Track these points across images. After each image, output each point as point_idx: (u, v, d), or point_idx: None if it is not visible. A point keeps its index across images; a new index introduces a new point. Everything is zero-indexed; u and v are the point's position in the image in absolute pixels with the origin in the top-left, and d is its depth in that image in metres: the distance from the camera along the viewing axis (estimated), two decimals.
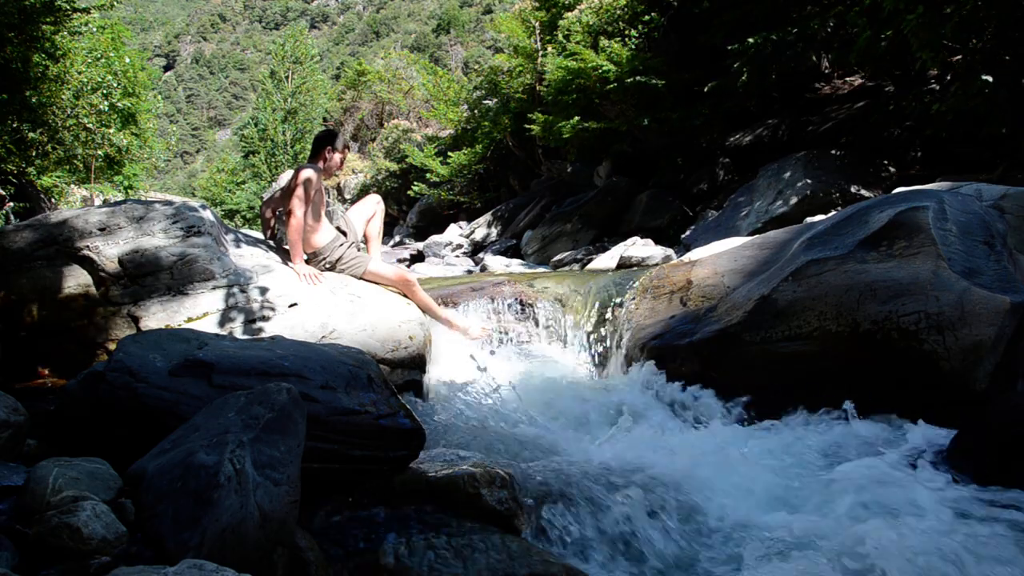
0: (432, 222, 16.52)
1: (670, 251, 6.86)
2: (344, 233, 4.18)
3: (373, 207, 4.51)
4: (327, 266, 3.99)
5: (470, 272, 9.27)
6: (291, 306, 3.42)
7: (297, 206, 3.80)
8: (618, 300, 4.31)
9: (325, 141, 4.18)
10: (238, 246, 3.78)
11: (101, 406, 1.97)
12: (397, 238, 17.00)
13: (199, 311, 3.22)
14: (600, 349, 4.22)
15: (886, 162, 7.09)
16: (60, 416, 2.15)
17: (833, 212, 5.57)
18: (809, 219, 5.91)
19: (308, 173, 3.86)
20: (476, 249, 12.00)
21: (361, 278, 4.00)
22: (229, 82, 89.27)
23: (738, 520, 2.18)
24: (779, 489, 2.39)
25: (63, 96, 10.98)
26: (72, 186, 13.84)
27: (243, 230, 4.40)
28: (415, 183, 16.88)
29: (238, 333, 3.20)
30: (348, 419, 2.05)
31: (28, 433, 1.96)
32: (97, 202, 13.62)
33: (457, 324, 4.22)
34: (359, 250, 4.21)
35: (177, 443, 1.63)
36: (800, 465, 2.59)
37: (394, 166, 19.26)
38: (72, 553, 1.33)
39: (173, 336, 2.34)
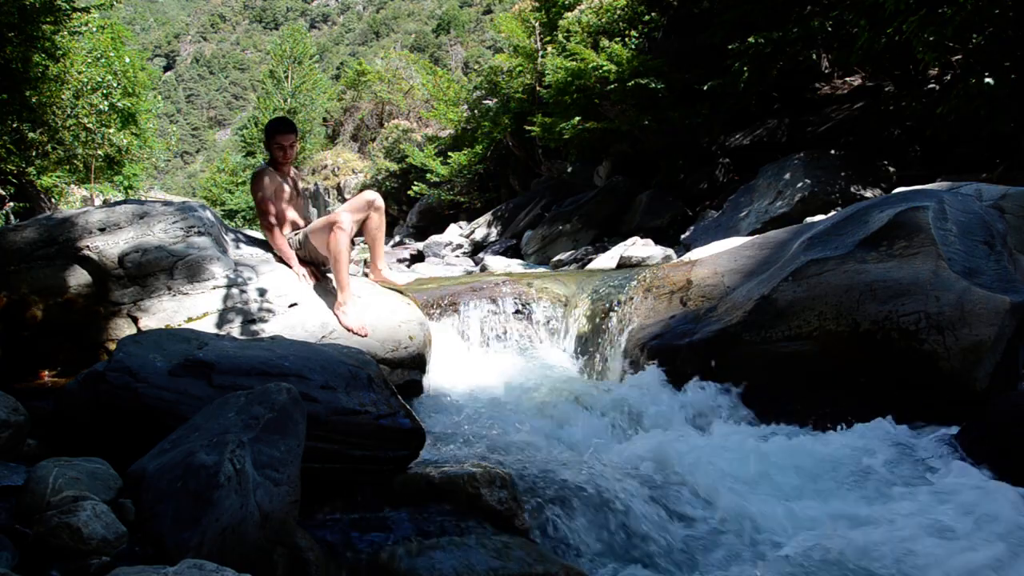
0: (432, 222, 16.53)
1: (670, 251, 6.86)
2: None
3: (365, 208, 3.75)
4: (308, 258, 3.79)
5: (470, 272, 9.27)
6: (291, 306, 3.42)
7: (262, 213, 3.74)
8: (618, 300, 4.31)
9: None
10: (238, 246, 3.78)
11: (101, 406, 1.97)
12: (397, 238, 17.00)
13: (199, 311, 3.22)
14: (600, 349, 4.22)
15: (886, 162, 7.09)
16: (60, 416, 2.15)
17: (833, 212, 5.57)
18: (809, 219, 5.91)
19: (257, 172, 3.81)
20: (476, 249, 12.00)
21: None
22: (229, 82, 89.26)
23: (740, 519, 2.18)
24: (780, 488, 2.39)
25: (63, 96, 10.98)
26: (72, 186, 13.85)
27: (243, 230, 4.38)
28: (415, 183, 16.89)
29: (238, 333, 3.20)
30: (348, 419, 2.05)
31: (28, 433, 1.95)
32: (97, 202, 13.63)
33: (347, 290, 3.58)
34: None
35: (177, 443, 1.63)
36: (801, 464, 2.58)
37: (394, 166, 19.29)
38: (72, 553, 1.33)
39: (173, 336, 2.34)
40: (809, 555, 1.88)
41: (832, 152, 7.36)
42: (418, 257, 11.85)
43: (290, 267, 3.70)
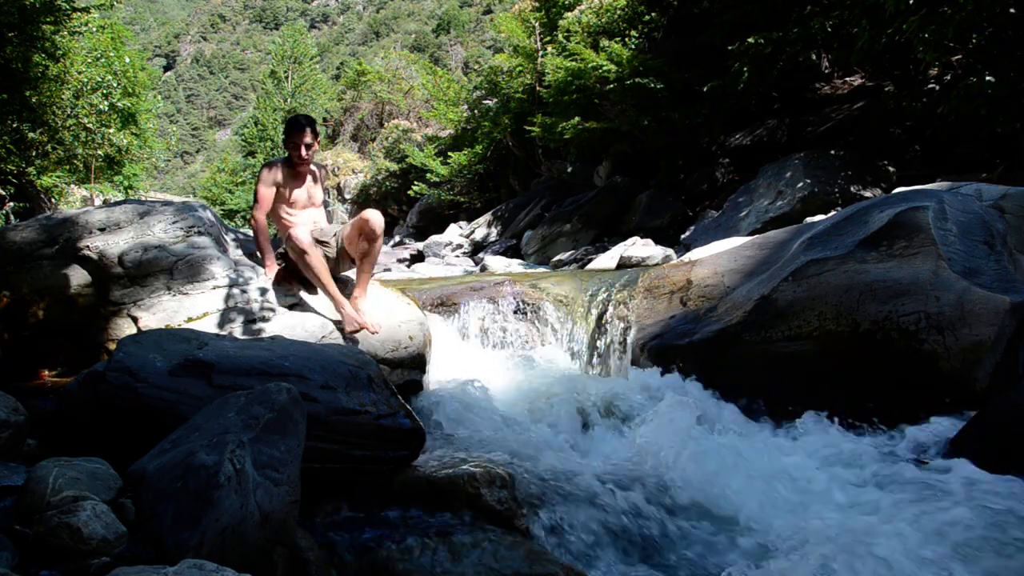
0: (432, 222, 16.54)
1: (670, 251, 6.86)
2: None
3: (355, 227, 3.46)
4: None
5: (470, 272, 9.27)
6: (291, 306, 3.42)
7: (256, 206, 3.58)
8: (618, 300, 4.31)
9: None
10: (238, 246, 3.78)
11: (101, 406, 1.97)
12: (397, 238, 17.00)
13: (199, 311, 3.22)
14: (600, 349, 4.22)
15: (886, 162, 7.09)
16: (60, 416, 2.15)
17: (833, 212, 5.57)
18: (809, 219, 5.91)
19: (263, 165, 3.66)
20: (476, 249, 12.00)
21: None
22: (229, 82, 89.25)
23: (739, 519, 2.18)
24: (780, 488, 2.39)
25: (63, 96, 10.98)
26: (72, 186, 13.86)
27: (243, 230, 4.36)
28: (415, 183, 16.90)
29: (238, 333, 3.20)
30: (348, 419, 2.05)
31: (28, 433, 1.95)
32: (97, 202, 13.64)
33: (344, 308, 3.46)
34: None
35: (177, 443, 1.63)
36: (800, 464, 2.58)
37: (394, 166, 19.29)
38: (72, 553, 1.33)
39: (173, 336, 2.34)
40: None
41: (832, 152, 7.35)
42: (418, 257, 11.85)
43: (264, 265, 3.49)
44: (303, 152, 3.50)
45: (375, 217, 3.40)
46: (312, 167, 3.72)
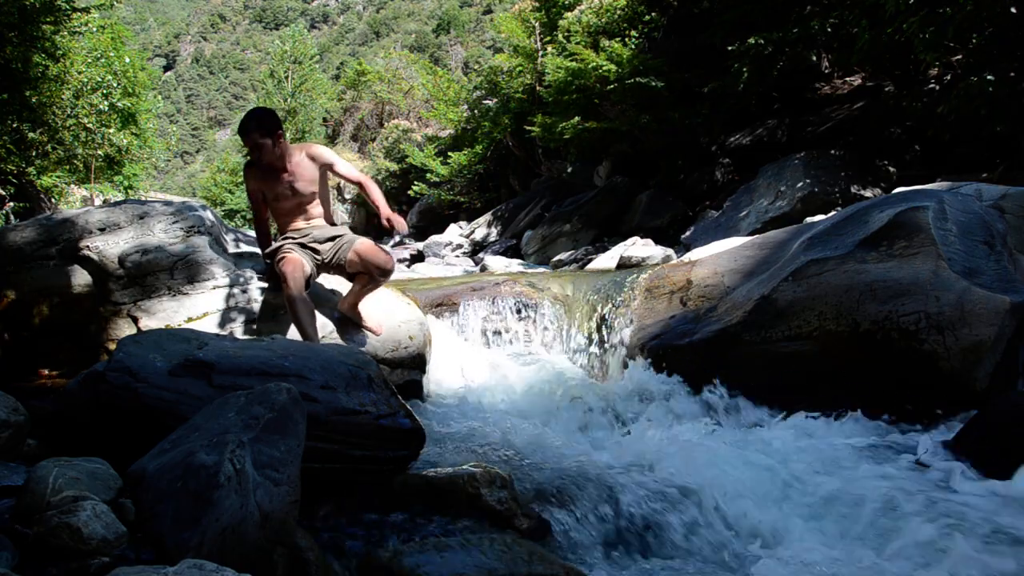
0: (432, 222, 16.55)
1: (670, 251, 6.86)
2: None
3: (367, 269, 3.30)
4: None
5: (470, 272, 9.27)
6: None
7: (254, 208, 3.50)
8: (618, 300, 4.31)
9: None
10: (238, 246, 3.78)
11: (101, 406, 1.97)
12: (397, 238, 16.99)
13: (199, 311, 3.22)
14: (600, 349, 4.22)
15: (886, 162, 7.09)
16: (60, 416, 2.15)
17: (833, 212, 5.57)
18: (809, 219, 5.91)
19: (244, 167, 3.46)
20: (476, 249, 12.01)
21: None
22: (229, 82, 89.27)
23: (740, 521, 2.18)
24: (782, 490, 2.39)
25: (63, 96, 10.99)
26: (72, 186, 13.85)
27: (243, 230, 4.36)
28: (415, 183, 16.92)
29: (238, 333, 3.20)
30: (348, 419, 2.04)
31: (28, 433, 1.95)
32: (97, 202, 13.63)
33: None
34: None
35: (177, 443, 1.63)
36: (799, 465, 2.58)
37: (394, 166, 19.31)
38: (72, 553, 1.33)
39: (173, 336, 2.34)
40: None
41: (832, 152, 7.36)
42: (418, 257, 11.86)
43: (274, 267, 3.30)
44: (255, 155, 3.24)
45: (390, 264, 3.30)
46: (303, 154, 3.33)
